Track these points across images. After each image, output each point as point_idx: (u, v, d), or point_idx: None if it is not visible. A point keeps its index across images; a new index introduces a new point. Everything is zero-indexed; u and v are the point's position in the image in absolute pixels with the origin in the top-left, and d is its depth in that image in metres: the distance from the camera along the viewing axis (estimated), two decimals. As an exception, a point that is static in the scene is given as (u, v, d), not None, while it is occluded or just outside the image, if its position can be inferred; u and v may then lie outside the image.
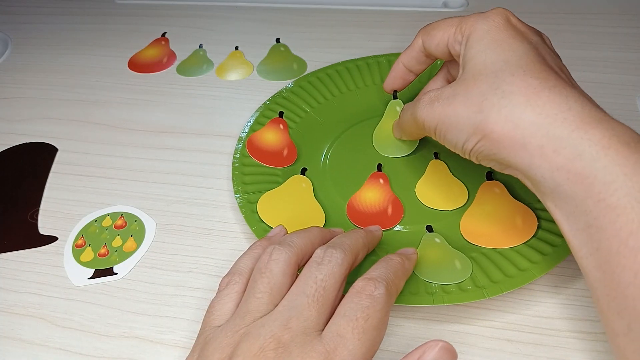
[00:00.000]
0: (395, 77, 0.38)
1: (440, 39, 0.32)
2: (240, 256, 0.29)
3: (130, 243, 0.36)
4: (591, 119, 0.24)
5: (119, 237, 0.36)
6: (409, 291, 0.29)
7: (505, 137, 0.26)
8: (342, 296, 0.24)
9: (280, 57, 0.51)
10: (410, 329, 0.30)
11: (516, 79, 0.26)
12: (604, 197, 0.22)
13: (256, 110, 0.42)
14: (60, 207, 0.39)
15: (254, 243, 0.30)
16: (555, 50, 0.31)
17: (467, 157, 0.29)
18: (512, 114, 0.25)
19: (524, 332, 0.29)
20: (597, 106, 0.25)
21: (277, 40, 0.54)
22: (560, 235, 0.30)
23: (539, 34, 0.30)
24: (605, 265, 0.23)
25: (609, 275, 0.22)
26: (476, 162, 0.29)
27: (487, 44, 0.28)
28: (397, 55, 0.45)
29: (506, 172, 0.27)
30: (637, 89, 0.44)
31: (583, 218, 0.23)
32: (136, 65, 0.52)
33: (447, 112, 0.28)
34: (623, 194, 0.22)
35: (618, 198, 0.22)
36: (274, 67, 0.50)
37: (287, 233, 0.32)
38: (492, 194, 0.34)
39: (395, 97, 0.40)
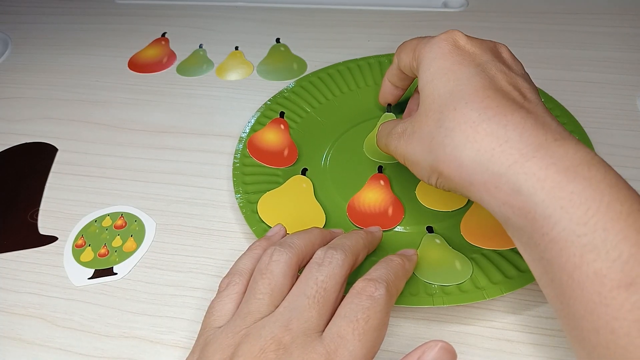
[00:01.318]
0: (385, 92, 0.39)
1: (406, 62, 0.32)
2: (240, 256, 0.29)
3: (130, 243, 0.36)
4: (529, 148, 0.23)
5: (119, 237, 0.36)
6: (409, 292, 0.29)
7: (454, 176, 0.26)
8: (343, 297, 0.24)
9: (280, 57, 0.51)
10: (410, 329, 0.30)
11: (457, 113, 0.25)
12: (547, 231, 0.22)
13: (257, 111, 0.42)
14: (60, 207, 0.39)
15: (254, 243, 0.30)
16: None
17: None
18: (454, 153, 0.25)
19: (524, 332, 0.29)
20: (542, 126, 0.24)
21: (277, 40, 0.54)
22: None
23: (491, 49, 0.29)
24: (561, 297, 0.22)
25: (565, 307, 0.22)
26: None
27: (433, 74, 0.28)
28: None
29: (473, 200, 0.27)
30: (637, 89, 0.44)
31: (535, 250, 0.23)
32: (136, 65, 0.52)
33: (408, 150, 0.29)
34: (562, 228, 0.22)
35: (558, 232, 0.22)
36: (274, 67, 0.50)
37: (286, 232, 0.32)
38: (492, 195, 0.34)
39: (388, 111, 0.41)
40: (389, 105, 0.40)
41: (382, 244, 0.32)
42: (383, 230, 0.33)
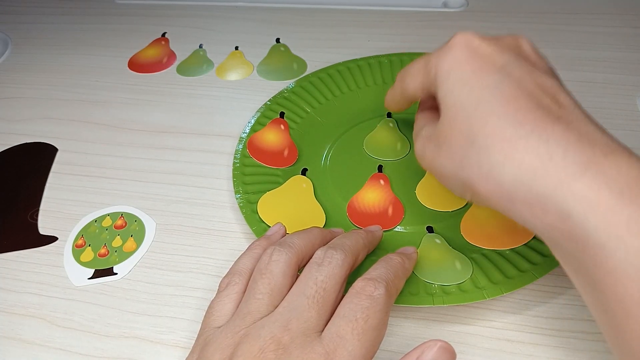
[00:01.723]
0: (389, 106, 0.35)
1: (414, 87, 0.30)
2: (240, 256, 0.29)
3: (130, 243, 0.36)
4: (576, 167, 0.21)
5: (119, 237, 0.36)
6: (408, 292, 0.29)
7: (492, 195, 0.24)
8: (343, 297, 0.24)
9: (280, 57, 0.51)
10: (410, 329, 0.30)
11: (490, 129, 0.23)
12: (600, 260, 0.20)
13: (257, 111, 0.42)
14: (60, 207, 0.39)
15: (253, 243, 0.30)
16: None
17: None
18: (492, 171, 0.23)
19: (524, 332, 0.29)
20: (587, 140, 0.22)
21: (277, 40, 0.54)
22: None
23: (510, 46, 0.27)
24: (616, 329, 0.21)
25: (620, 340, 0.21)
26: None
27: (453, 83, 0.26)
28: (398, 55, 0.45)
29: (513, 219, 0.25)
30: (637, 89, 0.44)
31: (587, 278, 0.21)
32: (136, 65, 0.52)
33: (435, 163, 0.27)
34: (618, 259, 0.20)
35: (614, 263, 0.20)
36: (274, 67, 0.50)
37: (285, 231, 0.32)
38: (492, 195, 0.34)
39: (389, 116, 0.41)
40: (389, 112, 0.41)
41: (382, 243, 0.32)
42: (383, 230, 0.33)
